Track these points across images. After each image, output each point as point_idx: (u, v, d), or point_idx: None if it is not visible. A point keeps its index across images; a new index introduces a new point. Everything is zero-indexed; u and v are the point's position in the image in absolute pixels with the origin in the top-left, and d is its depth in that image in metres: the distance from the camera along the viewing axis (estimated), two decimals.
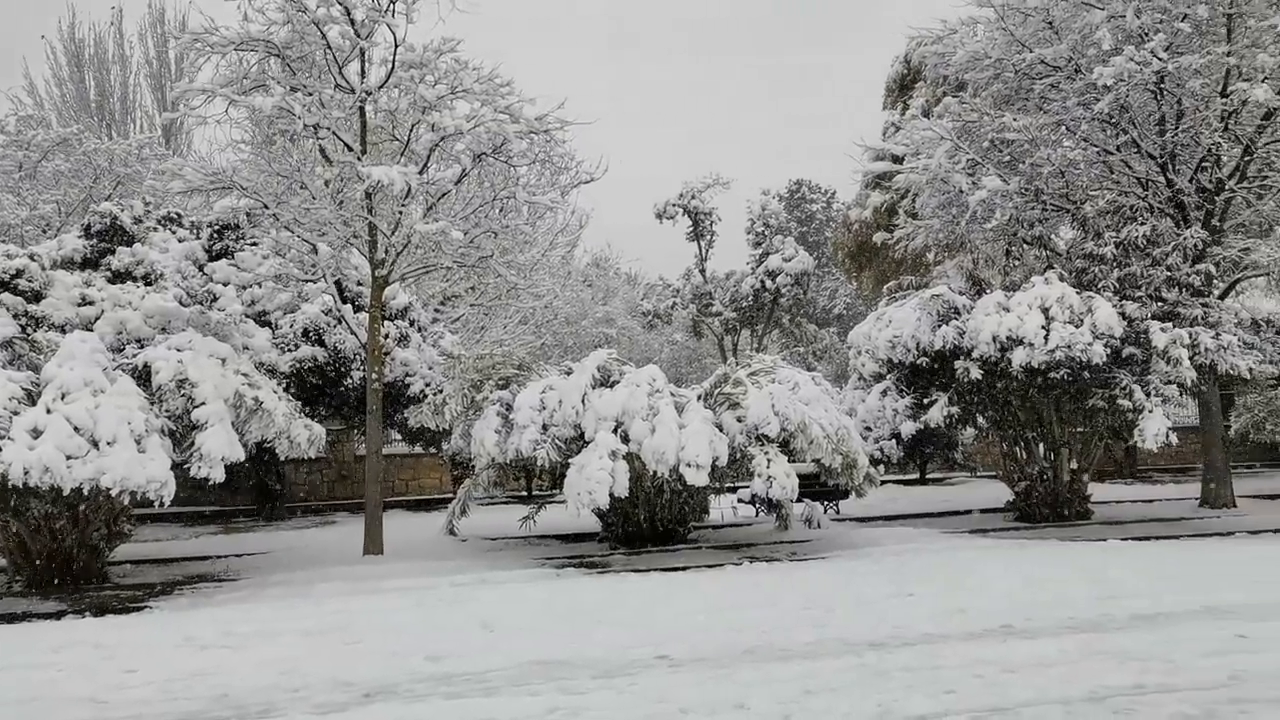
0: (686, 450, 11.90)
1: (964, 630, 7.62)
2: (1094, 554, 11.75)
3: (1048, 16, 15.72)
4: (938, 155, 16.75)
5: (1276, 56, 13.89)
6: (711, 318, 33.70)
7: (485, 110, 13.10)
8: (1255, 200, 16.57)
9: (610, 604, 9.37)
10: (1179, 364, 13.61)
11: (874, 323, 16.13)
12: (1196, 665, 6.39)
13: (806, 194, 69.70)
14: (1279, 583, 9.28)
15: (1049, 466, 15.74)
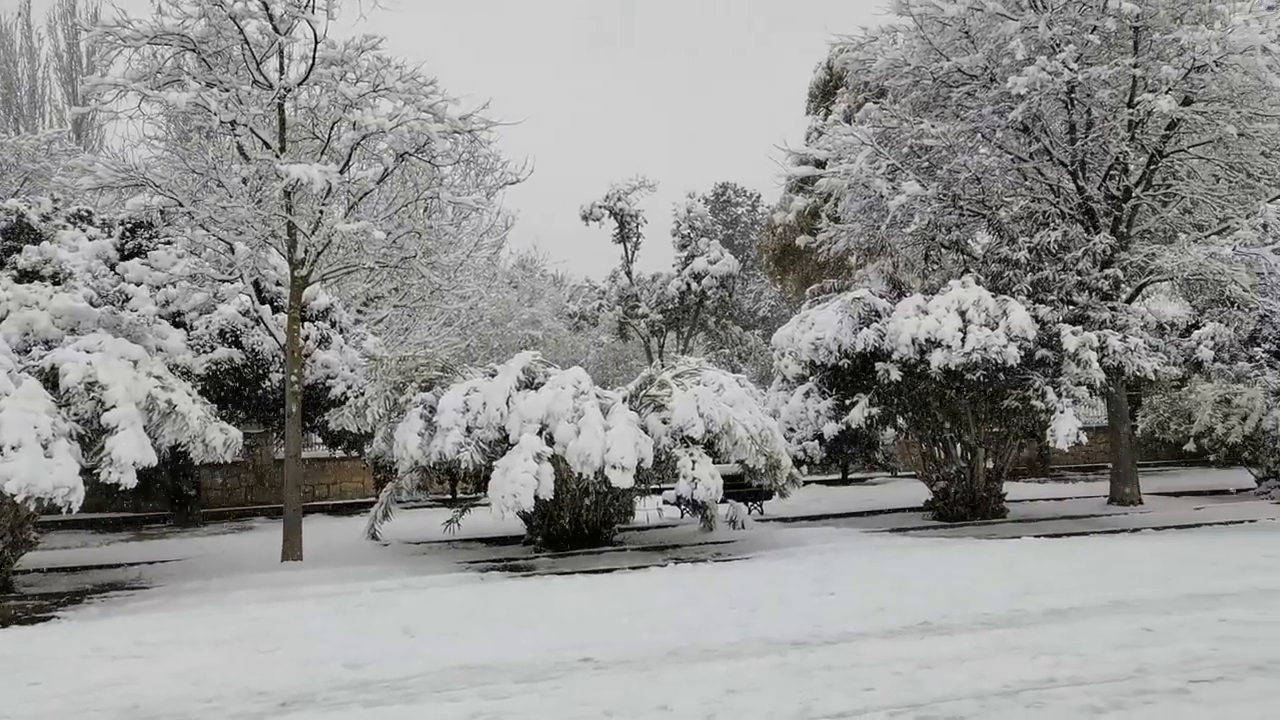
0: (612, 452, 11.90)
1: (883, 628, 7.76)
2: (1009, 551, 12.04)
3: (964, 26, 16.08)
4: (859, 160, 17.02)
5: (1179, 69, 14.40)
6: (638, 320, 33.78)
7: (408, 109, 12.95)
8: (1160, 208, 17.16)
9: (534, 607, 9.34)
10: (1089, 366, 14.02)
11: (797, 325, 16.32)
12: (1105, 658, 6.59)
13: (732, 197, 70.30)
14: (1182, 578, 9.61)
15: (966, 466, 16.09)
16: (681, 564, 12.08)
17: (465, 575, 11.87)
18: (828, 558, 12.00)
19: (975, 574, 10.30)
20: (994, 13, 15.50)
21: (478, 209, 17.58)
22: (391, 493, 14.03)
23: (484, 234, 26.05)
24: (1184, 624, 7.56)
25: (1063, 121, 16.59)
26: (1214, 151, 16.17)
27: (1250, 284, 15.14)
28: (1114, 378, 15.16)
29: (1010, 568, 10.63)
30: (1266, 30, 13.68)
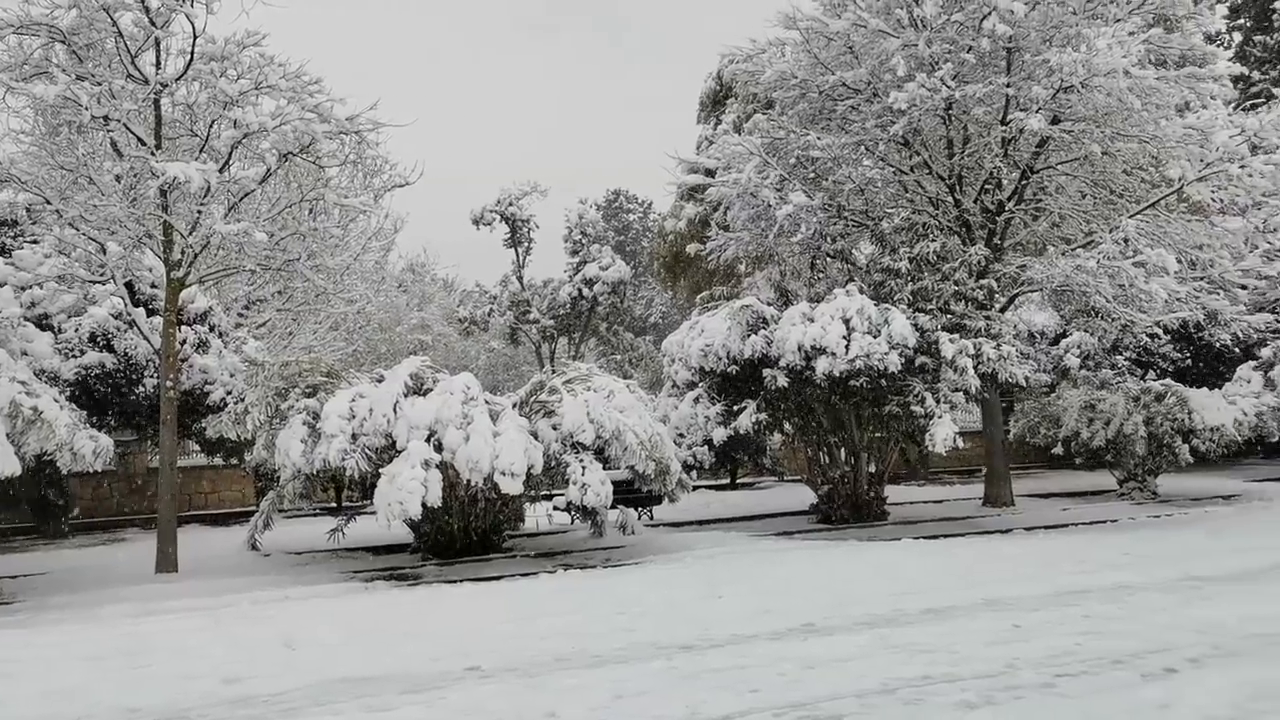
0: (501, 459, 11.83)
1: (769, 630, 7.89)
2: (890, 553, 12.40)
3: (848, 41, 16.51)
4: (748, 170, 17.30)
5: (1048, 90, 15.06)
6: (529, 325, 33.62)
7: (292, 108, 12.65)
8: (1031, 221, 17.92)
9: (420, 616, 9.21)
10: (965, 373, 14.53)
11: (687, 332, 16.49)
12: (978, 655, 6.83)
13: (624, 204, 70.66)
14: (1050, 576, 10.04)
15: (849, 470, 16.50)
16: (571, 570, 12.07)
17: (349, 585, 11.63)
18: (716, 562, 12.16)
19: (857, 575, 10.57)
20: (876, 30, 15.96)
21: (365, 211, 17.30)
22: (273, 501, 13.65)
23: (372, 237, 25.61)
24: (1052, 620, 7.89)
25: (941, 137, 17.17)
26: (1080, 169, 16.96)
27: (1113, 295, 15.91)
28: (988, 384, 15.74)
29: (890, 569, 10.95)
30: (1127, 55, 14.42)
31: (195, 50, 12.49)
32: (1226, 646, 6.82)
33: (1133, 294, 15.68)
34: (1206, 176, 15.56)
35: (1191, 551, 11.49)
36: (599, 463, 12.85)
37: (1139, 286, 15.33)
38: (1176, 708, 5.54)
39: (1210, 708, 5.49)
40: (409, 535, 13.84)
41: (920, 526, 15.52)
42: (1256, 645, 6.84)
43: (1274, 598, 8.55)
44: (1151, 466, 18.63)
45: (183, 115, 13.30)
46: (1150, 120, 15.49)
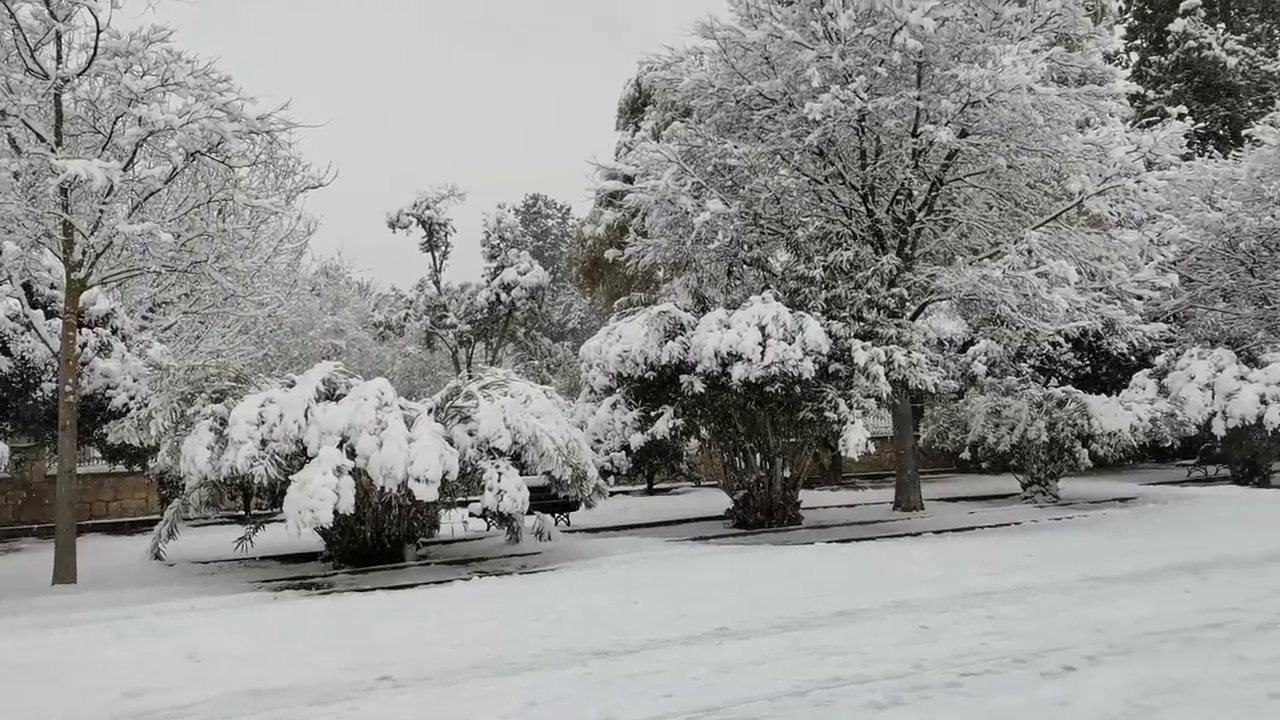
0: (416, 465, 11.69)
1: (684, 634, 7.94)
2: (803, 556, 12.57)
3: (765, 52, 16.73)
4: (665, 177, 17.40)
5: (957, 104, 15.48)
6: (446, 330, 33.29)
7: (200, 106, 12.33)
8: (940, 231, 18.37)
9: (331, 626, 9.04)
10: (877, 379, 14.82)
11: (605, 337, 16.51)
12: (887, 656, 6.97)
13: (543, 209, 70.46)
14: (957, 578, 10.29)
15: (764, 475, 16.69)
16: (486, 577, 11.97)
17: (258, 595, 11.36)
18: (632, 567, 12.18)
19: (771, 579, 10.70)
20: (792, 41, 16.21)
21: (276, 213, 16.95)
22: (178, 510, 13.28)
23: (284, 239, 25.06)
24: (958, 621, 8.09)
25: (855, 147, 17.50)
26: (987, 181, 17.46)
27: (1017, 304, 16.40)
28: (899, 390, 16.09)
29: (804, 572, 11.10)
30: (1031, 72, 14.90)
31: (99, 45, 12.10)
32: (1122, 645, 7.08)
33: (1036, 303, 16.18)
34: (1105, 190, 16.15)
35: (1090, 553, 11.89)
36: (515, 469, 12.78)
37: (1042, 296, 15.82)
38: (1075, 705, 5.73)
39: (1106, 704, 5.69)
40: (320, 543, 13.59)
41: (833, 530, 15.77)
42: (1150, 643, 7.11)
43: (1166, 597, 8.90)
44: (1053, 471, 19.24)
45: (85, 112, 12.86)
46: (1053, 135, 16.02)
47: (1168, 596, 8.91)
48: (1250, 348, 23.33)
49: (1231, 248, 24.28)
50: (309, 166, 17.19)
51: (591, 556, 13.28)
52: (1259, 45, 37.91)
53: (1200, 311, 25.49)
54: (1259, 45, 37.91)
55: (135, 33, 12.23)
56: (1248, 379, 20.91)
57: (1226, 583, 9.53)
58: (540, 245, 66.25)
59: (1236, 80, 36.39)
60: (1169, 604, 8.51)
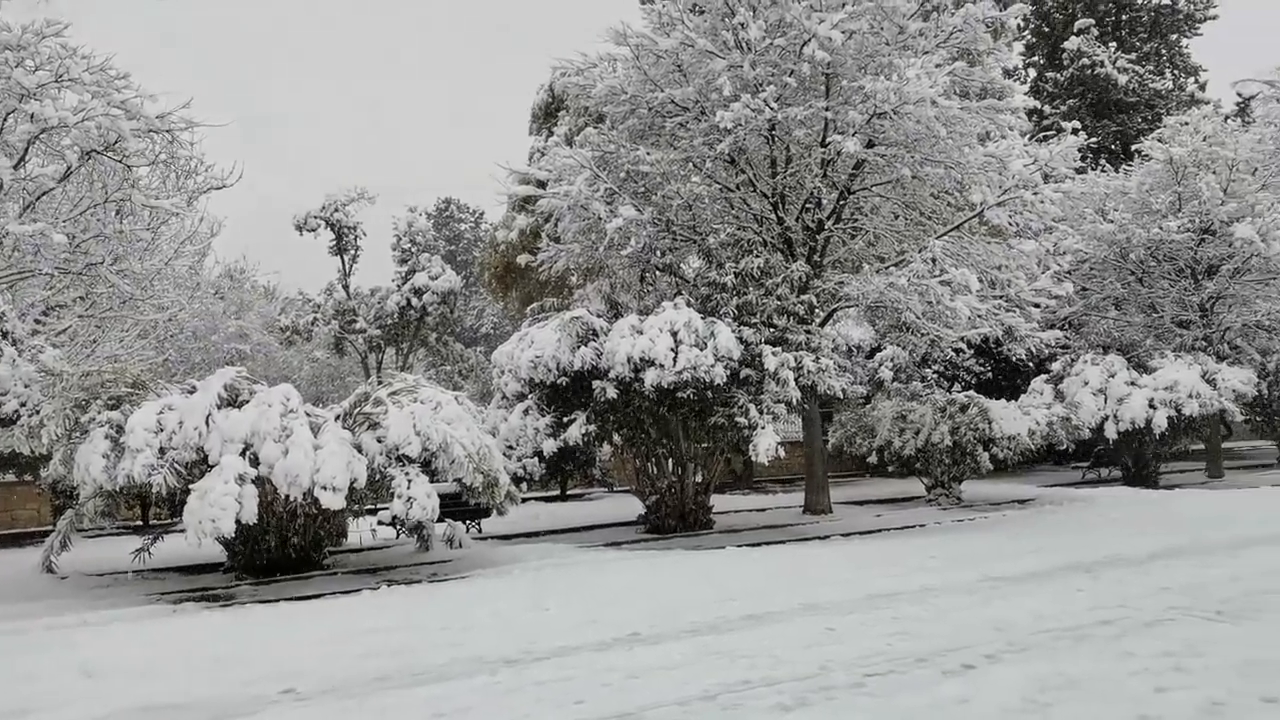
0: (322, 473, 11.46)
1: (595, 640, 7.93)
2: (714, 561, 12.67)
3: (677, 60, 16.86)
4: (578, 183, 17.40)
5: (864, 115, 15.81)
6: (355, 335, 32.72)
7: (96, 103, 11.93)
8: (848, 240, 18.74)
9: (233, 638, 8.80)
10: (786, 385, 15.04)
11: (517, 343, 16.42)
12: (794, 658, 7.07)
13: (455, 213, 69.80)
14: (863, 580, 10.49)
15: (677, 480, 16.79)
16: (395, 586, 11.79)
17: (155, 608, 11.00)
18: (544, 574, 12.13)
19: (682, 584, 10.76)
20: (703, 50, 16.36)
21: (177, 214, 16.47)
22: (71, 520, 12.77)
23: (186, 240, 24.37)
24: (863, 623, 8.25)
25: (765, 156, 17.73)
26: (893, 191, 17.87)
27: (922, 311, 16.81)
28: (809, 396, 16.34)
29: (714, 577, 11.19)
30: (935, 85, 15.30)
31: None
32: (1019, 643, 7.29)
33: (940, 310, 16.61)
34: (1004, 201, 16.66)
35: (990, 554, 12.23)
36: (425, 476, 12.62)
37: (945, 303, 16.25)
38: (974, 702, 5.89)
39: (1004, 701, 5.86)
40: (222, 554, 13.22)
41: (744, 534, 15.93)
42: (1046, 640, 7.35)
43: (1061, 596, 9.21)
44: (956, 473, 19.75)
45: None
46: (955, 147, 16.47)
47: (1062, 595, 9.22)
48: (1140, 354, 24.31)
49: (1122, 258, 25.27)
50: (211, 167, 16.73)
51: (503, 564, 13.18)
52: (1148, 64, 39.55)
53: (1094, 319, 26.47)
54: (1148, 64, 39.55)
55: (28, 26, 11.77)
56: (1137, 384, 21.77)
57: (1117, 581, 9.90)
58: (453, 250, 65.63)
59: (1127, 97, 37.90)
60: (1063, 602, 8.81)
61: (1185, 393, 21.20)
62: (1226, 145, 24.10)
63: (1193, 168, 23.81)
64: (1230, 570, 10.19)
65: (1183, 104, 37.00)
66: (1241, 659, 6.54)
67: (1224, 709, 5.57)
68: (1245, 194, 23.35)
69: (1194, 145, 24.02)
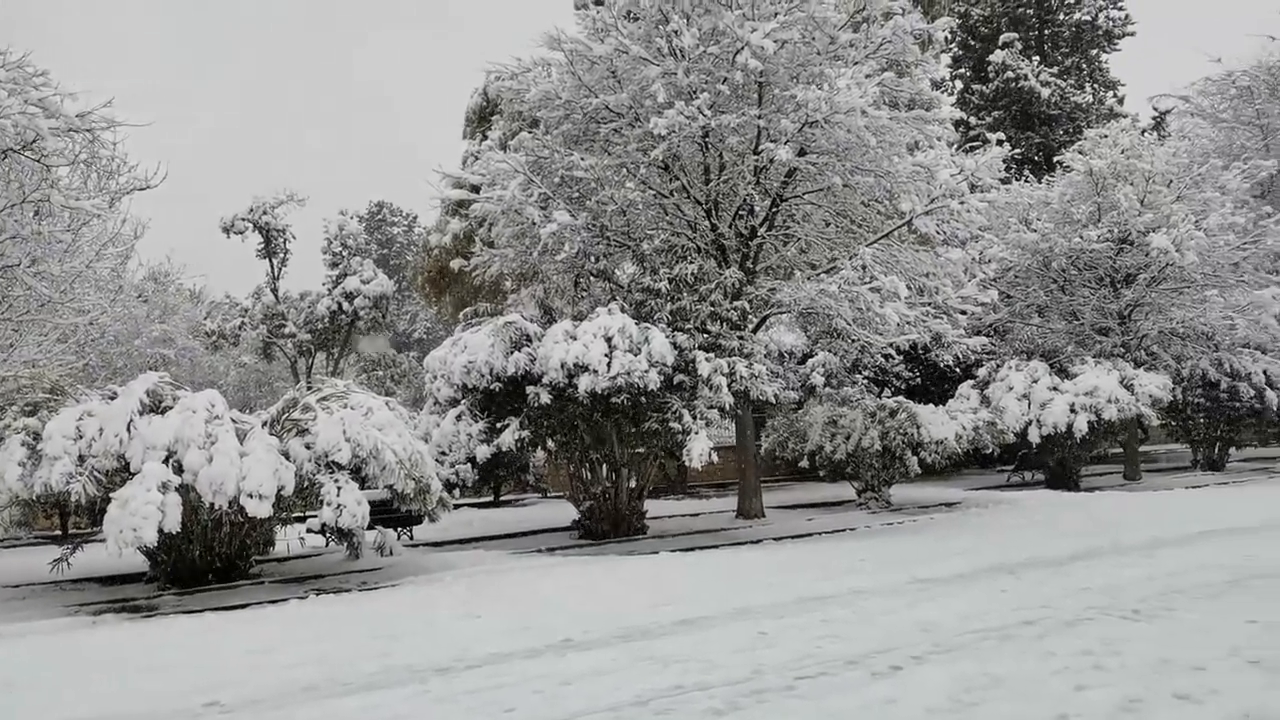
0: (248, 480, 11.24)
1: (527, 647, 7.91)
2: (647, 566, 12.70)
3: (611, 66, 16.89)
4: (512, 187, 17.32)
5: (796, 123, 15.98)
6: (284, 339, 32.21)
7: (13, 101, 11.57)
8: (781, 246, 18.93)
9: (155, 650, 8.58)
10: (720, 390, 15.14)
11: (450, 348, 16.29)
12: (727, 662, 7.13)
13: (388, 216, 69.02)
14: (794, 584, 10.61)
15: (611, 486, 16.79)
16: (324, 595, 11.61)
17: (74, 620, 10.68)
18: (476, 580, 12.04)
19: (616, 589, 10.77)
20: (638, 57, 16.42)
21: (98, 215, 16.04)
22: None
23: (108, 242, 23.70)
24: (795, 626, 8.35)
25: (699, 163, 17.84)
26: (824, 199, 18.10)
27: (852, 318, 17.05)
28: (742, 401, 16.47)
29: (648, 582, 11.22)
30: (865, 95, 15.54)
31: None
32: (946, 643, 7.45)
33: (870, 317, 16.86)
34: (932, 210, 16.98)
35: (918, 556, 12.46)
36: (356, 482, 12.45)
37: (875, 310, 16.50)
38: (902, 702, 6.00)
39: (930, 701, 5.98)
40: (145, 564, 12.90)
41: (678, 539, 16.00)
42: (971, 640, 7.51)
43: (986, 597, 9.42)
44: (886, 478, 20.06)
45: None
46: (884, 157, 16.74)
47: (987, 596, 9.43)
48: (1062, 360, 24.93)
49: (1045, 266, 25.92)
50: (135, 167, 16.34)
51: (435, 571, 13.06)
52: (1070, 78, 40.66)
53: (1018, 325, 27.10)
54: (1070, 78, 40.66)
55: None
56: (1059, 390, 22.34)
57: (1039, 581, 10.16)
58: (385, 254, 64.89)
59: (1050, 110, 38.91)
60: (989, 603, 9.01)
61: (1105, 398, 21.79)
62: (1143, 158, 24.86)
63: (1111, 179, 24.51)
64: (1146, 570, 10.52)
65: (1102, 117, 38.13)
66: (1156, 657, 6.76)
67: (1139, 706, 5.75)
68: (1161, 205, 24.10)
69: (1112, 158, 24.73)
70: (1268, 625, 7.60)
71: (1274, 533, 13.36)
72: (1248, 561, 10.78)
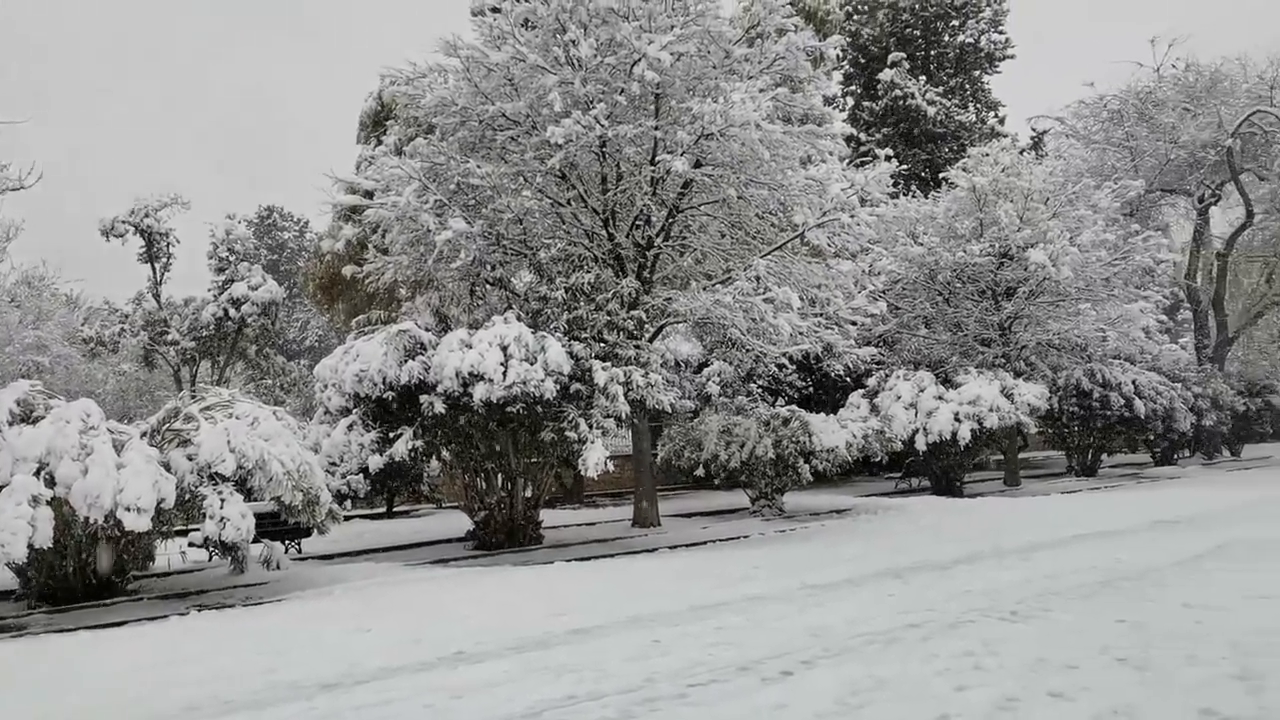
0: (126, 493, 10.80)
1: (418, 660, 7.78)
2: (541, 576, 12.64)
3: (508, 74, 16.81)
4: (407, 193, 17.08)
5: (692, 135, 16.17)
6: (167, 347, 31.09)
7: None
8: (677, 257, 19.11)
9: (22, 672, 8.17)
10: (616, 399, 15.18)
11: (342, 356, 15.96)
12: (620, 671, 7.14)
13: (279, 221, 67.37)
14: (688, 592, 10.70)
15: (506, 495, 16.66)
16: (206, 611, 11.22)
17: None
18: (367, 593, 11.80)
19: (510, 600, 10.69)
20: (534, 65, 16.39)
21: None
22: None
23: None
24: (688, 634, 8.41)
25: (596, 173, 17.89)
26: (720, 210, 18.35)
27: (746, 328, 17.30)
28: (638, 410, 16.54)
29: (541, 592, 11.17)
30: (759, 109, 15.81)
31: None
32: (835, 648, 7.61)
33: (763, 327, 17.13)
34: (824, 223, 17.38)
35: (810, 562, 12.70)
36: (241, 494, 12.09)
37: (769, 320, 16.78)
38: (792, 707, 6.10)
39: (819, 705, 6.10)
40: (14, 581, 12.28)
41: (573, 549, 15.96)
42: (858, 644, 7.69)
43: (874, 601, 9.65)
44: (779, 485, 20.39)
45: None
46: (778, 170, 17.08)
47: (875, 600, 9.67)
48: (947, 370, 25.78)
49: (931, 279, 26.77)
50: (5, 168, 15.63)
51: (324, 584, 12.75)
52: (954, 98, 42.15)
53: (906, 336, 27.92)
54: (954, 98, 42.15)
55: None
56: (945, 399, 23.07)
57: (924, 585, 10.46)
58: (276, 259, 63.29)
59: (936, 128, 40.25)
60: (876, 607, 9.24)
61: (987, 406, 22.58)
62: (1022, 176, 25.92)
63: (993, 196, 25.48)
64: (1024, 573, 10.93)
65: (984, 136, 39.61)
66: (1033, 657, 7.03)
67: (1016, 704, 5.97)
68: (1038, 222, 25.14)
69: (994, 175, 25.73)
70: (1135, 624, 7.98)
71: (1141, 536, 14.04)
72: (1117, 564, 11.30)
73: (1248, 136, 32.83)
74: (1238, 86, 33.72)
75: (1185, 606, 8.61)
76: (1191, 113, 33.49)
